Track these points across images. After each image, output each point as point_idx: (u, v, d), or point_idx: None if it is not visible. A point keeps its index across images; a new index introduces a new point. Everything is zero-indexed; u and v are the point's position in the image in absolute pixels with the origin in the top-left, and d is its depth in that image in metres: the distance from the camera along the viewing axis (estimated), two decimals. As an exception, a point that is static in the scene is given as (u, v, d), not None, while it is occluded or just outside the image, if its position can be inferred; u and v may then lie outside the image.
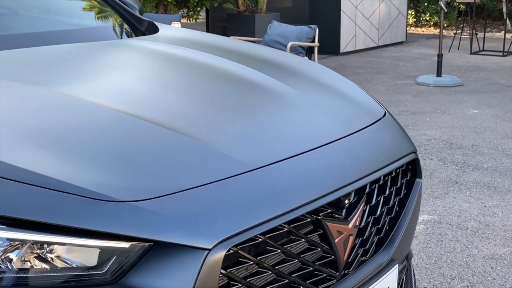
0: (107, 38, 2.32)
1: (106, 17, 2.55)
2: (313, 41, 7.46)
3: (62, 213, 1.14)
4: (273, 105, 1.80)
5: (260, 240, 1.31)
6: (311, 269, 1.45)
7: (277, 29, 7.64)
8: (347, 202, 1.53)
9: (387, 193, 1.70)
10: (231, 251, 1.24)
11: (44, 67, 1.86)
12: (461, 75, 8.99)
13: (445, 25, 15.67)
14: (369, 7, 11.89)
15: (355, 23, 11.64)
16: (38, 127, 1.38)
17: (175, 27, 2.64)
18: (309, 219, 1.42)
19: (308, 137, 1.62)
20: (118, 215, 1.17)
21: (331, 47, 11.15)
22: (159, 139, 1.42)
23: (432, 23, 16.25)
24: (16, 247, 1.14)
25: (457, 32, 12.38)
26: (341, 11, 11.23)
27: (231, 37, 4.37)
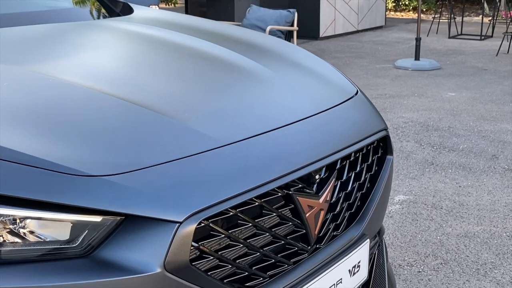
0: (81, 19, 2.32)
1: (80, -1, 2.54)
2: (292, 25, 7.47)
3: (34, 188, 1.15)
4: (246, 84, 1.82)
5: (231, 214, 1.33)
6: (283, 243, 1.48)
7: (256, 13, 7.64)
8: (318, 177, 1.56)
9: (358, 169, 1.73)
10: (202, 225, 1.26)
11: (18, 47, 1.85)
12: (439, 58, 9.07)
13: (423, 10, 15.76)
14: (348, -8, 11.91)
15: (335, 8, 11.66)
16: (10, 104, 1.38)
17: (150, 8, 2.63)
18: (280, 194, 1.44)
19: (280, 114, 1.64)
20: (89, 190, 1.18)
21: (311, 31, 11.16)
22: (131, 116, 1.44)
23: (411, 8, 16.34)
24: (-12, 221, 1.15)
25: (436, 16, 12.46)
26: (321, -4, 11.24)
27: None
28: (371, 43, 10.95)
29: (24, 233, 1.17)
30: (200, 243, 1.28)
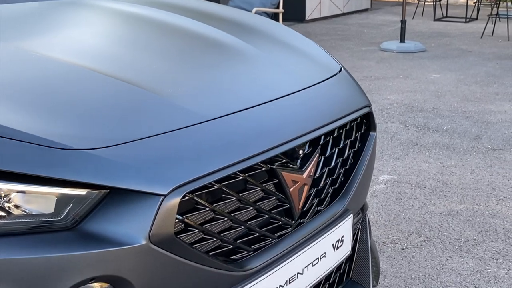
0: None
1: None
2: (278, 8, 7.46)
3: (18, 161, 1.15)
4: (231, 61, 1.82)
5: (215, 187, 1.34)
6: (267, 217, 1.50)
7: (241, -6, 7.60)
8: (301, 152, 1.58)
9: (342, 145, 1.75)
10: (187, 198, 1.27)
11: (1, 24, 1.84)
12: (424, 41, 9.11)
13: (409, -7, 15.75)
14: (334, -26, 11.89)
15: (320, -10, 11.64)
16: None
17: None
18: (264, 169, 1.46)
19: (264, 90, 1.65)
20: (74, 163, 1.19)
21: (297, 14, 11.15)
22: (114, 91, 1.44)
23: (397, -9, 16.32)
24: (-28, 195, 1.15)
25: (421, -1, 12.48)
26: (306, -22, 11.21)
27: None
28: (356, 26, 10.96)
29: (9, 207, 1.17)
30: (184, 216, 1.29)
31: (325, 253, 1.66)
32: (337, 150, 1.72)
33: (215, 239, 1.37)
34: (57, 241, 1.16)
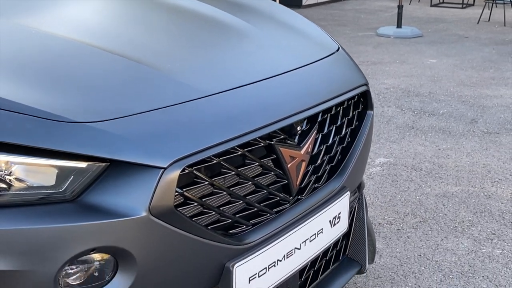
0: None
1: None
2: (275, -8, 7.44)
3: (20, 134, 1.17)
4: (230, 39, 1.84)
5: (214, 162, 1.36)
6: (265, 192, 1.52)
7: (238, -21, 7.58)
8: (299, 129, 1.59)
9: (339, 123, 1.76)
10: (186, 171, 1.29)
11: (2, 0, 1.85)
12: (421, 26, 9.10)
13: (406, -22, 15.69)
14: (331, -41, 11.84)
15: (317, -25, 11.60)
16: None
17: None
18: (262, 144, 1.47)
19: (263, 67, 1.66)
20: (75, 136, 1.20)
21: (293, -1, 11.11)
22: (115, 67, 1.45)
23: (394, -24, 16.26)
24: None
25: (418, -16, 12.45)
26: (303, -37, 11.17)
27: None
28: (353, 11, 10.94)
29: (10, 179, 1.18)
30: (184, 190, 1.31)
31: (322, 229, 1.68)
32: (334, 127, 1.74)
33: (214, 213, 1.39)
34: (58, 213, 1.18)
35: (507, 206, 3.16)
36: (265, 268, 1.48)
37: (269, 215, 1.52)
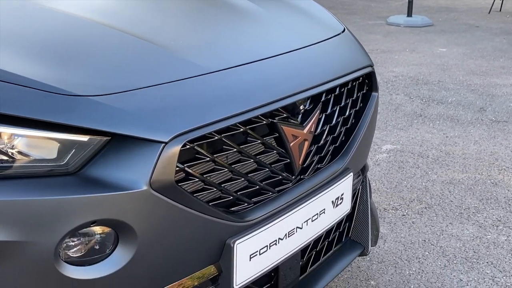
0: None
1: None
2: (284, -21, 7.41)
3: (22, 106, 1.17)
4: (235, 18, 1.83)
5: (216, 138, 1.36)
6: (267, 171, 1.52)
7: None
8: (302, 108, 1.59)
9: (343, 103, 1.76)
10: (187, 147, 1.29)
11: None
12: (431, 15, 9.04)
13: (418, -32, 15.56)
14: None
15: (328, -36, 11.52)
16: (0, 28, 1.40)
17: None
18: (265, 122, 1.47)
19: (267, 46, 1.66)
20: (77, 109, 1.20)
21: (304, -13, 11.06)
22: (118, 42, 1.45)
23: (405, -34, 16.14)
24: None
25: (430, -26, 12.35)
26: (314, -49, 11.10)
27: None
28: (363, 0, 10.88)
29: (12, 152, 1.19)
30: (185, 165, 1.31)
31: (324, 209, 1.68)
32: (338, 108, 1.73)
33: (215, 190, 1.39)
34: (59, 185, 1.18)
35: (514, 193, 3.15)
36: (266, 246, 1.49)
37: (271, 193, 1.52)
